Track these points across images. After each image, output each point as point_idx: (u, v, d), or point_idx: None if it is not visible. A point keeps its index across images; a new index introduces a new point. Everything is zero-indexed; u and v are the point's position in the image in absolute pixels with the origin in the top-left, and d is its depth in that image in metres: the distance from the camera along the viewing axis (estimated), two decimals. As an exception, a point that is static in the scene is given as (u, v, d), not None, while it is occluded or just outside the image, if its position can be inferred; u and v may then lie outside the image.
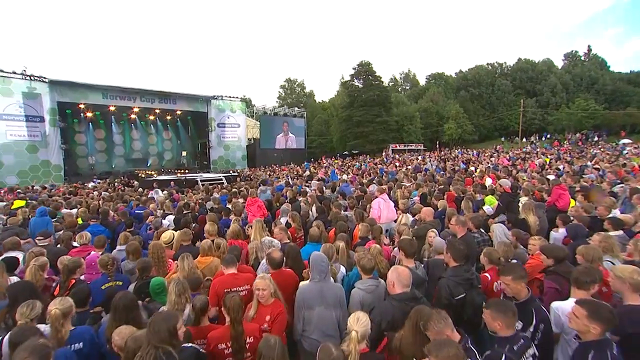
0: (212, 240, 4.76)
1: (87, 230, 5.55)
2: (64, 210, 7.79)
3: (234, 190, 10.16)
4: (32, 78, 18.78)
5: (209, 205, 7.06)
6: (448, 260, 2.84)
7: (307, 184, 11.92)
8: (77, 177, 20.67)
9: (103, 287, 3.34)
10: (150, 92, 23.46)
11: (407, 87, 57.98)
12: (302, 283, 3.08)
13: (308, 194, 8.16)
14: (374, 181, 10.40)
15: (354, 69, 41.31)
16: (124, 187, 14.95)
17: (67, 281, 3.35)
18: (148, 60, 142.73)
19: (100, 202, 8.37)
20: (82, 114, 22.53)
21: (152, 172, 21.41)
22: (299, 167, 24.23)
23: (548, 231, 4.93)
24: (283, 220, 6.10)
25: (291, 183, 11.11)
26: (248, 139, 32.41)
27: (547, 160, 13.97)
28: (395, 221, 5.90)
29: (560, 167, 11.25)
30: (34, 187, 16.52)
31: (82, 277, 3.69)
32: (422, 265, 3.31)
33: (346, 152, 40.70)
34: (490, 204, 5.78)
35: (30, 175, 18.85)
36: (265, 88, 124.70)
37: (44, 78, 19.07)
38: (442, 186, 8.39)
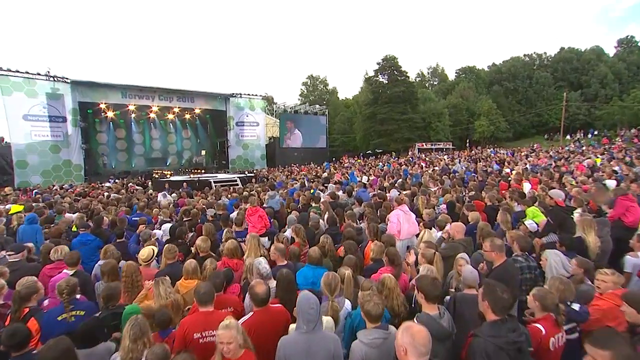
0: (204, 257, 4.28)
1: (76, 240, 5.26)
2: (67, 215, 7.64)
3: (244, 193, 9.73)
4: (55, 79, 19.36)
5: (210, 212, 6.56)
6: (485, 311, 2.11)
7: (324, 187, 11.31)
8: (97, 177, 21.18)
9: (59, 319, 2.88)
10: (168, 91, 23.70)
11: (435, 83, 55.88)
12: (289, 330, 2.46)
13: (322, 200, 7.54)
14: (397, 184, 9.60)
15: (379, 64, 40.21)
16: (137, 188, 14.98)
17: (19, 310, 2.91)
18: (166, 59, 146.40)
19: (100, 206, 8.11)
20: (102, 114, 23.07)
21: (168, 172, 21.52)
22: (318, 168, 23.64)
23: (612, 255, 4.02)
24: (288, 232, 5.52)
25: (307, 186, 10.51)
26: (268, 137, 32.29)
27: (598, 161, 12.48)
28: (417, 236, 5.15)
29: (616, 168, 9.90)
30: (55, 187, 17.07)
31: (46, 302, 3.28)
32: (448, 309, 2.58)
33: (369, 152, 39.75)
34: (534, 218, 4.88)
35: (53, 175, 19.47)
36: (287, 85, 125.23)
37: (66, 78, 19.63)
38: (472, 192, 7.49)
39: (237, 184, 15.23)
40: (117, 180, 18.98)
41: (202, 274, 3.64)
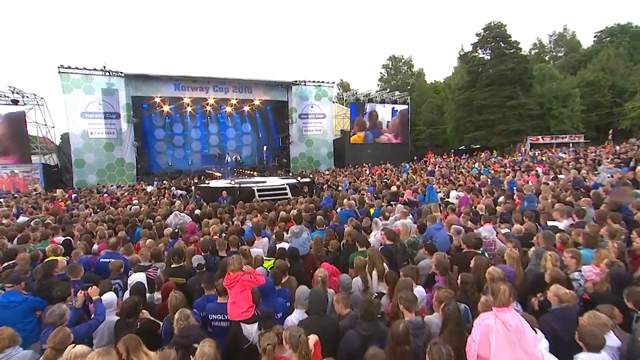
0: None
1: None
2: (57, 238, 6.90)
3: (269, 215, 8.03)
4: (110, 73, 20.58)
5: (196, 261, 4.88)
6: None
7: (390, 205, 8.98)
8: (149, 176, 22.15)
9: None
10: (223, 80, 23.71)
11: (560, 54, 47.02)
12: None
13: (370, 248, 5.27)
14: (498, 214, 6.75)
15: (479, 35, 35.00)
16: (174, 195, 14.60)
17: None
18: (219, 45, 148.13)
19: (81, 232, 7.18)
20: (157, 108, 24.14)
21: (217, 174, 21.46)
22: (394, 170, 21.01)
23: None
24: (295, 317, 3.55)
25: (357, 213, 8.30)
26: (340, 130, 30.70)
27: None
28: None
29: None
30: (107, 187, 18.01)
31: None
32: None
33: (463, 147, 35.34)
34: None
35: (107, 174, 20.86)
36: (365, 69, 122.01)
37: (120, 72, 20.74)
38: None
39: (287, 194, 13.72)
40: (164, 181, 19.38)
41: None
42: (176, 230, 6.85)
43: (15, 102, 19.27)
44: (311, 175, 18.58)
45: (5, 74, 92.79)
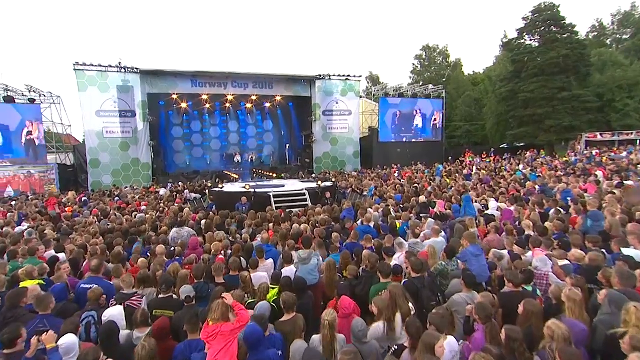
0: None
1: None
2: (47, 253, 6.64)
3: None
4: (126, 70, 20.81)
5: (185, 292, 4.36)
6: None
7: (419, 218, 8.20)
8: (165, 177, 22.30)
9: None
10: (242, 76, 23.45)
11: (626, 36, 43.25)
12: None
13: (389, 286, 4.54)
14: (559, 243, 5.73)
15: (526, 19, 32.91)
16: (187, 200, 14.41)
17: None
18: (239, 40, 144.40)
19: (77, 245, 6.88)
20: (174, 105, 24.32)
21: (235, 175, 21.28)
22: (423, 172, 19.98)
23: None
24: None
25: (380, 228, 7.58)
26: (368, 127, 29.90)
27: None
28: None
29: None
30: (121, 189, 18.20)
31: None
32: None
33: (505, 145, 33.55)
34: None
35: (122, 175, 21.13)
36: (396, 61, 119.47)
37: (136, 69, 20.93)
38: None
39: (305, 200, 13.18)
40: (179, 183, 19.38)
41: None
42: (172, 249, 6.35)
43: (32, 100, 19.82)
44: (333, 179, 17.96)
45: (23, 72, 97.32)
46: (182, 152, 27.72)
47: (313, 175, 22.85)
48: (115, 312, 4.14)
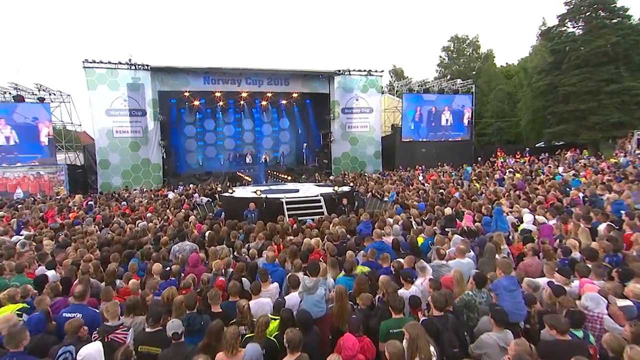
0: None
1: None
2: (40, 269, 6.48)
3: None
4: (136, 67, 20.95)
5: (171, 329, 4.01)
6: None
7: (443, 234, 7.63)
8: (177, 179, 22.39)
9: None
10: (256, 72, 23.25)
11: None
12: None
13: (407, 321, 4.07)
14: (619, 273, 5.02)
15: (569, 3, 31.26)
16: (196, 204, 14.24)
17: None
18: (252, 34, 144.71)
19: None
20: (186, 103, 24.37)
21: (248, 178, 21.11)
22: (450, 175, 19.20)
23: None
24: None
25: (399, 245, 7.07)
26: (391, 125, 29.26)
27: None
28: None
29: None
30: (130, 192, 18.27)
31: None
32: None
33: (542, 144, 32.39)
34: None
35: (132, 176, 21.30)
36: (421, 53, 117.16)
37: (146, 66, 21.04)
38: None
39: (321, 207, 12.74)
40: (190, 185, 19.34)
41: None
42: (168, 268, 6.04)
43: (41, 100, 20.18)
44: (352, 183, 17.46)
45: (33, 71, 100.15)
46: (195, 151, 27.92)
47: (331, 178, 22.44)
48: (92, 350, 3.79)
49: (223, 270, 6.25)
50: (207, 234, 8.62)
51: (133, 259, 6.95)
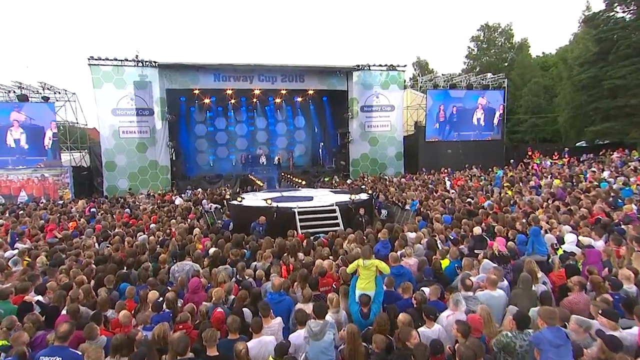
0: None
1: None
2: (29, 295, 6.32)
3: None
4: (144, 64, 21.03)
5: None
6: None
7: (471, 259, 7.13)
8: (185, 181, 22.42)
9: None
10: (269, 68, 23.06)
11: None
12: None
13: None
14: None
15: (616, -17, 29.94)
16: (203, 212, 14.08)
17: None
18: (265, 27, 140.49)
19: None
20: (196, 101, 24.40)
21: (260, 182, 20.94)
22: (478, 179, 18.52)
23: None
24: None
25: (422, 271, 6.63)
26: (414, 123, 28.71)
27: None
28: None
29: None
30: (135, 197, 18.35)
31: None
32: None
33: (583, 143, 31.18)
34: None
35: (139, 179, 21.40)
36: (448, 44, 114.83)
37: (154, 62, 21.13)
38: None
39: (336, 219, 12.35)
40: (199, 189, 19.33)
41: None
42: (160, 299, 5.76)
43: (46, 99, 20.45)
44: (370, 189, 17.01)
45: (37, 69, 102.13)
46: (206, 151, 28.08)
47: (349, 182, 22.08)
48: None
49: (224, 299, 5.98)
50: (211, 251, 8.38)
51: (124, 284, 6.69)
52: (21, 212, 14.78)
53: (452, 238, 8.44)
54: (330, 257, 7.77)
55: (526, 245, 7.78)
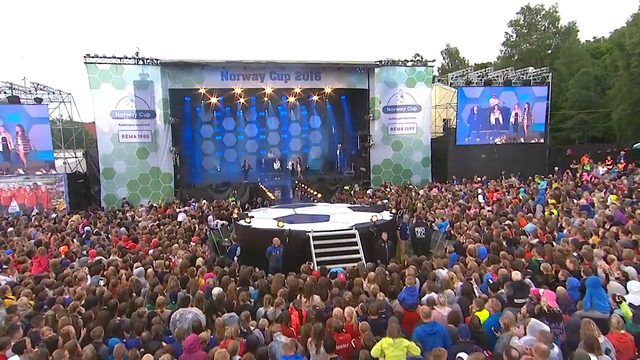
0: None
1: None
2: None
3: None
4: (145, 62, 21.06)
5: None
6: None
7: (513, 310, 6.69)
8: (190, 190, 22.46)
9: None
10: (282, 65, 22.82)
11: None
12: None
13: None
14: None
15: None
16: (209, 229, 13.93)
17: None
18: (277, 21, 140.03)
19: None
20: (202, 100, 24.48)
21: (272, 196, 20.81)
22: (518, 191, 17.88)
23: None
24: None
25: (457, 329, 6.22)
26: (443, 122, 28.07)
27: None
28: None
29: None
30: (135, 210, 18.37)
31: None
32: None
33: (641, 144, 29.91)
34: None
35: (139, 187, 21.45)
36: (481, 29, 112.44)
37: (156, 60, 21.13)
38: None
39: (356, 244, 12.01)
40: (203, 201, 19.28)
41: None
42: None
43: (38, 100, 20.63)
44: (393, 205, 16.61)
45: (30, 68, 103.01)
46: (212, 155, 28.21)
47: (369, 191, 21.74)
48: None
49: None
50: (214, 291, 8.13)
51: (113, 340, 6.48)
52: (10, 229, 14.83)
53: (490, 282, 7.92)
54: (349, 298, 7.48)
55: (578, 290, 7.31)
